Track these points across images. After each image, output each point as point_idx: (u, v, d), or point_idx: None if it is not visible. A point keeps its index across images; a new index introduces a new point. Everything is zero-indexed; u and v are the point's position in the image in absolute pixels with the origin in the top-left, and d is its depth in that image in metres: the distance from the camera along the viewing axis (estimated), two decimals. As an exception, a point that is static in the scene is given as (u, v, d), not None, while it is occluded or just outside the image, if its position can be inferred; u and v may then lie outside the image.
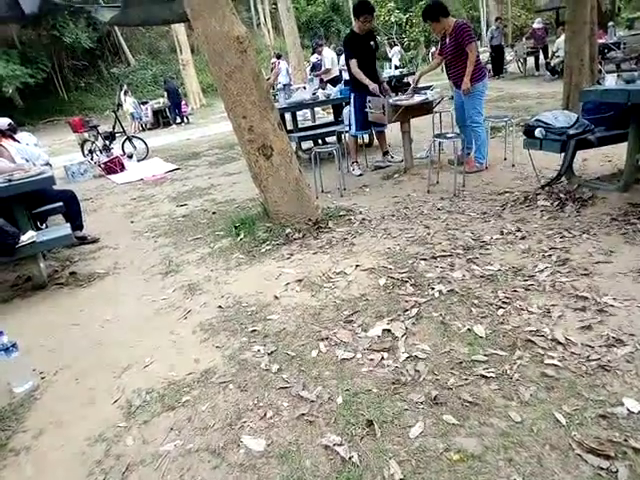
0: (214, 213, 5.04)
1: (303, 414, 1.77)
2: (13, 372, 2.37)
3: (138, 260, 4.01)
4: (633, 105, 3.08)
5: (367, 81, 4.97)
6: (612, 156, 4.41)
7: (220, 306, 2.85)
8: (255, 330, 2.49)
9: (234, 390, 2.03)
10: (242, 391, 2.01)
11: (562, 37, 12.02)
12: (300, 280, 2.99)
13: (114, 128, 9.41)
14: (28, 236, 3.39)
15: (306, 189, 3.94)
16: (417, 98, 4.82)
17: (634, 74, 3.32)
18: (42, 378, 2.43)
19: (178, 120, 16.01)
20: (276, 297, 2.82)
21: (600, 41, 9.25)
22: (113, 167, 8.26)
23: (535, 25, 14.18)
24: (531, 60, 14.41)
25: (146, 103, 16.13)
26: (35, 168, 3.94)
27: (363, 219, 3.88)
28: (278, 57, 14.43)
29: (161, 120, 16.09)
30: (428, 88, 5.38)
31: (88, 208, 6.20)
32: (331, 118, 8.86)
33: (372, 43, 5.37)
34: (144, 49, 25.33)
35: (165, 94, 15.57)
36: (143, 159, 9.14)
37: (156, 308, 3.00)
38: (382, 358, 2.03)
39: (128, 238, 4.69)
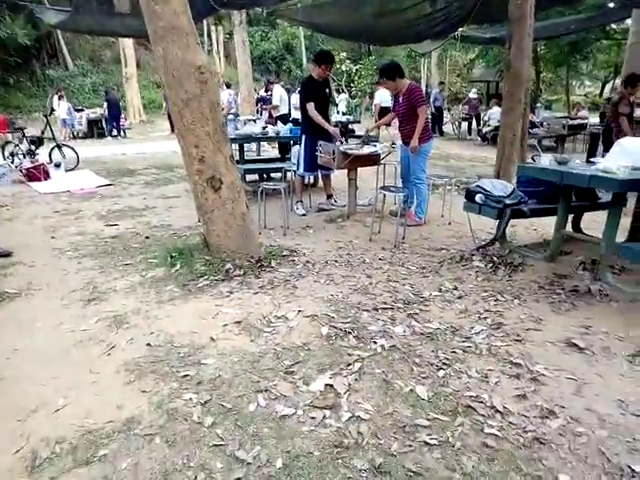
0: (147, 237, 4.77)
1: (239, 479, 1.63)
2: None
3: (57, 282, 3.65)
4: (564, 185, 3.37)
5: (327, 126, 5.08)
6: (537, 225, 4.78)
7: (149, 344, 2.63)
8: (187, 375, 2.31)
9: (161, 445, 1.84)
10: (170, 446, 1.82)
11: (494, 109, 13.19)
12: (239, 322, 2.85)
13: (43, 133, 8.78)
14: None
15: (251, 225, 3.85)
16: (366, 149, 4.97)
17: (566, 157, 3.66)
18: None
19: (114, 133, 15.34)
20: (212, 339, 2.66)
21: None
22: (37, 174, 7.64)
23: (471, 95, 15.46)
24: (464, 125, 15.60)
25: (81, 111, 15.34)
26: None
27: (307, 262, 3.84)
28: (227, 86, 14.44)
29: (95, 131, 15.33)
30: (377, 140, 5.58)
31: (2, 216, 5.64)
32: (276, 153, 8.91)
33: (327, 90, 5.53)
34: (85, 55, 24.24)
35: (105, 104, 14.89)
36: (72, 169, 8.56)
37: (75, 340, 2.71)
38: (324, 417, 1.94)
39: (47, 255, 4.28)
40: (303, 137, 5.40)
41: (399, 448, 1.75)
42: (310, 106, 5.16)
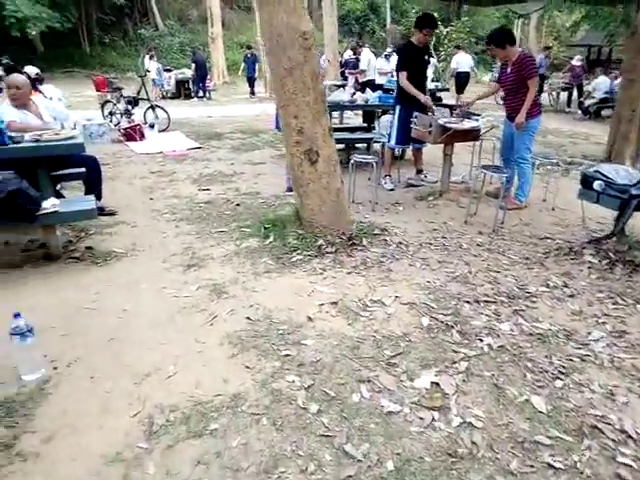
0: (238, 205, 4.85)
1: (350, 476, 1.61)
2: (24, 357, 2.18)
3: (158, 244, 3.82)
4: None
5: (421, 96, 4.79)
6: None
7: (249, 317, 2.67)
8: (289, 355, 2.32)
9: (268, 427, 1.86)
10: (277, 430, 1.84)
11: (600, 78, 11.91)
12: (335, 303, 2.82)
13: (138, 93, 9.15)
14: (50, 204, 3.18)
15: (345, 202, 3.76)
16: (467, 124, 4.64)
17: None
18: (54, 369, 2.25)
19: (200, 94, 15.69)
20: (310, 318, 2.65)
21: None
22: (133, 134, 7.99)
23: (574, 62, 14.01)
24: (563, 95, 14.26)
25: (170, 71, 15.77)
26: (65, 131, 3.72)
27: (399, 242, 3.71)
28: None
29: (182, 91, 15.74)
30: (478, 115, 5.20)
31: (105, 175, 5.96)
32: (359, 121, 8.66)
33: (426, 57, 5.19)
34: (174, 15, 24.84)
35: (193, 65, 15.20)
36: (163, 130, 8.88)
37: (179, 306, 2.82)
38: (433, 419, 1.86)
39: (147, 217, 4.48)
40: (397, 107, 5.15)
41: (519, 467, 1.63)
42: (402, 75, 4.88)
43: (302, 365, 2.24)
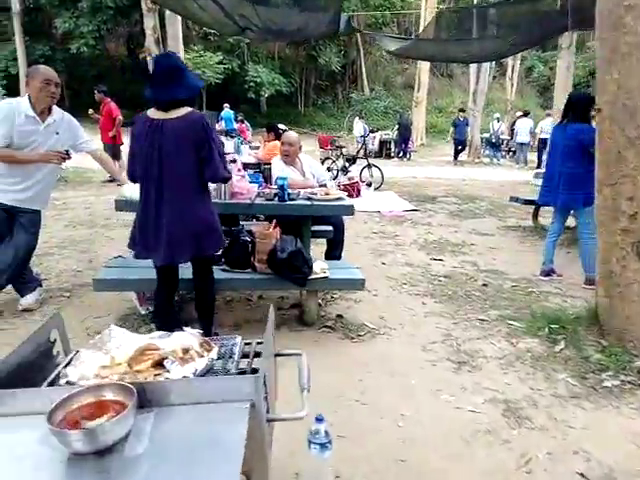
0: (485, 285, 4.16)
1: None
2: (316, 473, 1.75)
3: (409, 324, 3.31)
4: None
5: None
6: None
7: (582, 475, 1.89)
8: None
9: None
10: None
11: None
12: None
13: (358, 152, 9.35)
14: (319, 267, 2.93)
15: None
16: None
17: None
18: (338, 487, 1.78)
19: (400, 154, 15.86)
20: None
21: None
22: (351, 191, 8.04)
23: None
24: None
25: (375, 132, 16.36)
26: (333, 191, 3.56)
27: None
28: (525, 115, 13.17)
29: (384, 151, 16.13)
30: None
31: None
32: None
33: None
34: (380, 81, 26.38)
35: (396, 127, 15.53)
36: (377, 189, 8.84)
37: (469, 427, 2.18)
38: None
39: (385, 286, 4.08)
40: None
41: None
42: None
43: None
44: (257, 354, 1.28)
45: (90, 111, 8.45)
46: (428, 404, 2.36)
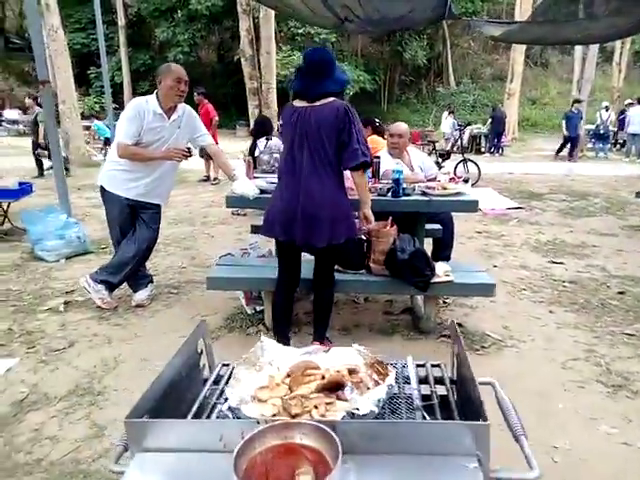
0: (622, 293, 3.61)
1: None
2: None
3: (539, 336, 2.92)
4: None
5: None
6: None
7: None
8: None
9: None
10: None
11: None
12: None
13: (452, 147, 8.84)
14: (442, 271, 2.64)
15: None
16: None
17: None
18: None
19: (492, 149, 14.90)
20: None
21: None
22: (446, 188, 7.60)
23: None
24: None
25: (465, 126, 15.51)
26: (451, 185, 3.24)
27: None
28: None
29: (474, 146, 15.25)
30: None
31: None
32: None
33: None
34: (467, 74, 25.11)
35: (489, 120, 14.60)
36: (474, 185, 8.27)
37: (644, 469, 1.79)
38: None
39: (502, 291, 3.64)
40: None
41: None
42: None
43: None
44: (438, 380, 1.04)
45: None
46: (586, 436, 1.99)
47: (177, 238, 5.17)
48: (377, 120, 6.00)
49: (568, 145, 13.25)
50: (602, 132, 13.43)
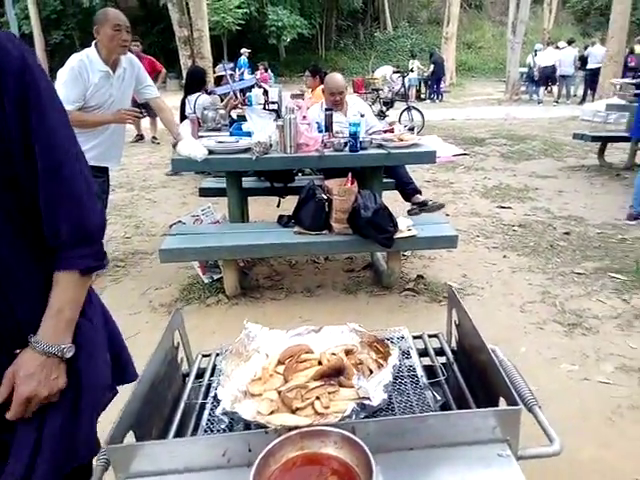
0: (567, 234, 3.78)
1: None
2: None
3: (497, 282, 3.00)
4: None
5: None
6: None
7: None
8: None
9: None
10: None
11: None
12: None
13: (396, 94, 8.73)
14: (405, 225, 2.60)
15: None
16: None
17: None
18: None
19: (432, 96, 14.96)
20: None
21: None
22: (392, 137, 7.55)
23: None
24: None
25: (407, 73, 15.37)
26: (408, 135, 3.16)
27: None
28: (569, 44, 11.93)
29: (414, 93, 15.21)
30: None
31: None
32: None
33: None
34: (403, 17, 24.73)
35: (431, 67, 14.52)
36: (419, 133, 8.28)
37: (612, 405, 1.89)
38: None
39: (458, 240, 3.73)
40: None
41: None
42: None
43: None
44: (439, 352, 0.98)
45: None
46: (549, 376, 2.08)
47: (117, 205, 4.81)
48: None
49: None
50: (535, 75, 13.65)
